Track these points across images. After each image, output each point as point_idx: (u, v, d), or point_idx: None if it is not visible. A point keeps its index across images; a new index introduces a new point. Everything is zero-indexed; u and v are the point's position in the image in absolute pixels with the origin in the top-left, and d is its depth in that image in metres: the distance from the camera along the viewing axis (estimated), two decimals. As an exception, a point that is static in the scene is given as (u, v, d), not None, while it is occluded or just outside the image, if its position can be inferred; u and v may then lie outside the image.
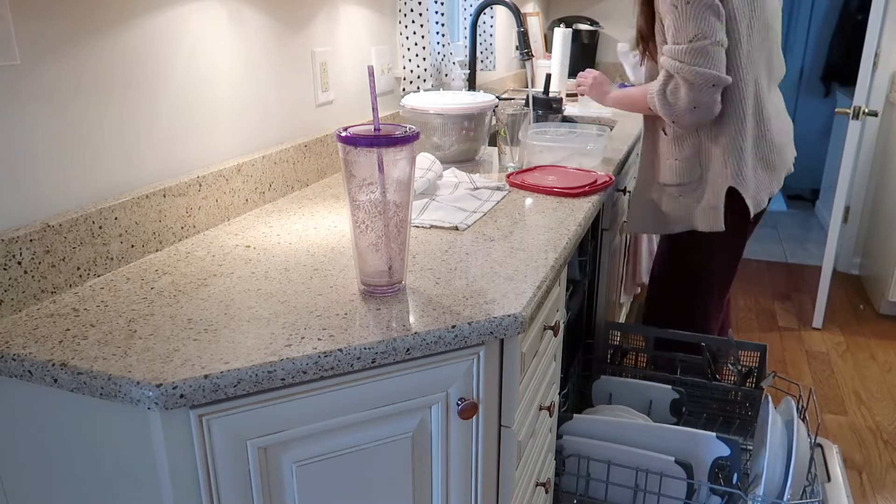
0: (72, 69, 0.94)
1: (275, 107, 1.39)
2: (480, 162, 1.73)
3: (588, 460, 1.44)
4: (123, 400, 0.72)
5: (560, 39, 2.66)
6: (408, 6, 1.82)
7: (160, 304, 0.89)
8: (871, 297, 3.15)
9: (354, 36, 1.66)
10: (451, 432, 0.91)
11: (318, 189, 1.45)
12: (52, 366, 0.74)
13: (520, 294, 0.93)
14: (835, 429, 2.22)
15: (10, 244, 0.85)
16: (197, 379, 0.72)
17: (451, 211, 1.28)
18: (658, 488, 1.40)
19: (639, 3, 1.62)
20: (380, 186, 0.86)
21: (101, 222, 0.98)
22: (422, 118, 1.64)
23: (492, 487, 1.01)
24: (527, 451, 1.10)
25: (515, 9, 2.10)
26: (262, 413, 0.77)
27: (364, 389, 0.82)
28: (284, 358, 0.76)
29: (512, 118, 1.59)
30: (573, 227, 1.21)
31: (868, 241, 3.30)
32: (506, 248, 1.11)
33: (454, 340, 0.84)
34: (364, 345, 0.79)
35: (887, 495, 1.91)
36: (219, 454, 0.76)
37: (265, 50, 1.33)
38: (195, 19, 1.15)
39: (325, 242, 1.13)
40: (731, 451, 1.41)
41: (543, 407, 1.18)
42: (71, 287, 0.94)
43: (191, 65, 1.15)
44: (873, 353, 2.69)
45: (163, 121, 1.11)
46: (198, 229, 1.17)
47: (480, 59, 2.43)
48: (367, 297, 0.92)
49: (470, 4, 2.43)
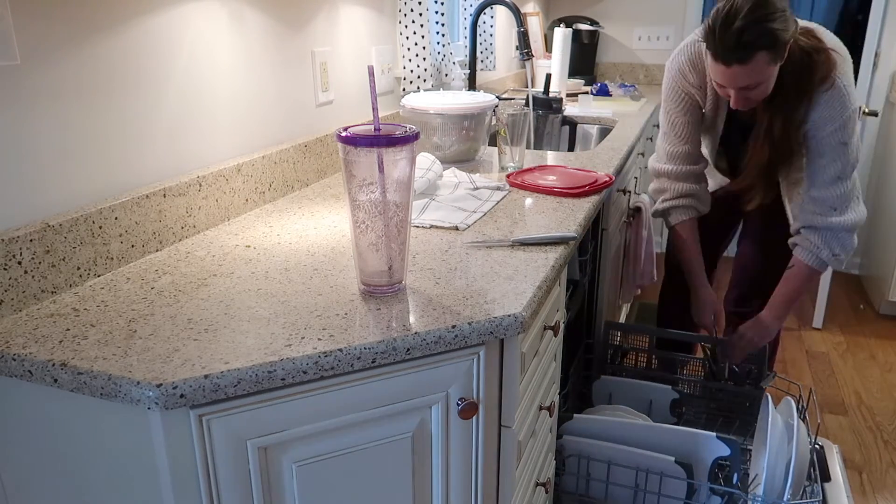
0: (72, 69, 0.94)
1: (275, 107, 1.39)
2: (480, 162, 1.72)
3: (588, 460, 1.44)
4: (123, 400, 0.72)
5: (560, 39, 2.66)
6: (408, 6, 1.82)
7: (160, 304, 0.89)
8: (871, 297, 3.14)
9: (354, 36, 1.66)
10: (451, 432, 0.91)
11: (318, 189, 1.45)
12: (53, 366, 0.74)
13: (520, 294, 0.93)
14: (835, 429, 2.22)
15: (10, 244, 0.85)
16: (197, 379, 0.72)
17: (451, 211, 1.28)
18: (658, 488, 1.40)
19: (765, 137, 1.52)
20: (380, 186, 0.86)
21: (101, 222, 0.98)
22: (422, 118, 1.64)
23: (492, 487, 1.01)
24: (527, 451, 1.10)
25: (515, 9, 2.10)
26: (262, 413, 0.77)
27: (364, 389, 0.82)
28: (284, 358, 0.76)
29: (512, 118, 1.59)
30: (573, 227, 1.21)
31: (868, 241, 3.30)
32: (506, 247, 1.11)
33: (454, 340, 0.84)
34: (364, 345, 0.79)
35: (887, 495, 1.91)
36: (219, 454, 0.76)
37: (265, 50, 1.33)
38: (195, 19, 1.15)
39: (325, 242, 1.13)
40: (731, 451, 1.41)
41: (543, 407, 1.18)
42: (71, 287, 0.94)
43: (191, 65, 1.15)
44: (873, 353, 2.69)
45: (163, 121, 1.11)
46: (198, 229, 1.17)
47: (480, 59, 2.43)
48: (367, 296, 0.92)
49: (470, 4, 2.42)
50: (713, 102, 1.64)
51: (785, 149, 1.52)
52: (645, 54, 3.49)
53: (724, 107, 1.64)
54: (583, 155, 1.83)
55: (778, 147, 1.52)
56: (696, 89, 1.63)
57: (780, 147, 1.52)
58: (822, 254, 1.57)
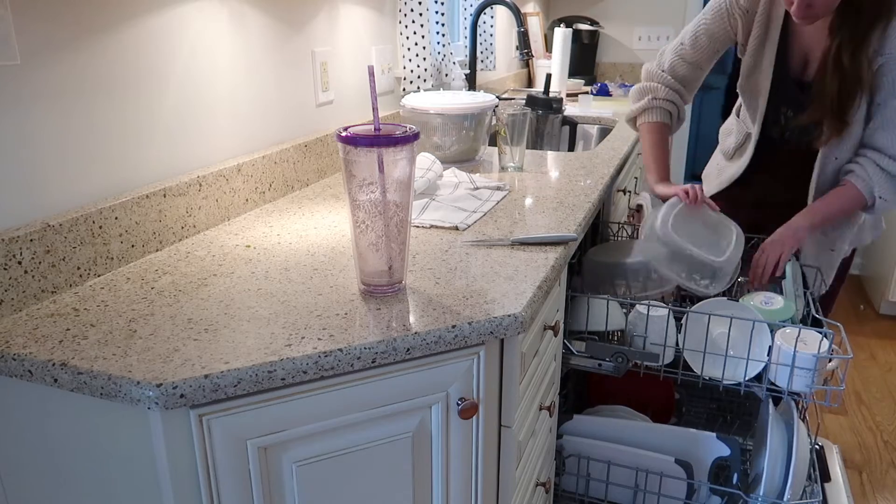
0: (72, 69, 0.94)
1: (275, 106, 1.39)
2: (480, 162, 1.72)
3: (588, 460, 1.44)
4: (124, 400, 0.72)
5: (560, 39, 2.66)
6: (408, 6, 1.82)
7: (160, 303, 0.89)
8: (871, 297, 3.14)
9: (355, 36, 1.66)
10: (451, 432, 0.91)
11: (318, 189, 1.45)
12: (53, 366, 0.74)
13: (520, 294, 0.93)
14: (835, 429, 2.22)
15: (10, 244, 0.85)
16: (197, 379, 0.72)
17: (451, 211, 1.28)
18: (658, 488, 1.40)
19: (834, 65, 1.36)
20: (380, 186, 0.86)
21: (102, 222, 0.98)
22: (422, 118, 1.64)
23: (492, 487, 1.01)
24: (527, 450, 1.10)
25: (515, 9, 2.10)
26: (262, 413, 0.77)
27: (364, 389, 0.82)
28: (284, 358, 0.76)
29: (512, 118, 1.59)
30: (573, 227, 1.21)
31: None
32: (506, 247, 1.10)
33: (454, 340, 0.84)
34: (364, 344, 0.79)
35: (887, 495, 1.91)
36: (219, 454, 0.76)
37: (265, 50, 1.33)
38: (195, 19, 1.15)
39: (325, 242, 1.13)
40: (731, 451, 1.41)
41: (543, 407, 1.18)
42: (71, 287, 0.94)
43: (191, 64, 1.15)
44: (873, 353, 2.69)
45: (163, 121, 1.11)
46: (198, 229, 1.17)
47: (480, 59, 2.43)
48: (367, 296, 0.92)
49: (470, 4, 2.43)
50: (758, 41, 1.49)
51: (854, 77, 1.35)
52: (645, 54, 3.49)
53: (772, 49, 1.49)
54: (583, 155, 1.83)
55: (847, 75, 1.35)
56: (741, 12, 1.49)
57: (849, 75, 1.35)
58: (875, 188, 1.40)
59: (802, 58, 1.48)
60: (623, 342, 1.40)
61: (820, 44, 1.41)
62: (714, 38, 1.55)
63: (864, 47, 1.33)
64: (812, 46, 1.45)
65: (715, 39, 1.55)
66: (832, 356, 1.23)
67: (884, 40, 1.33)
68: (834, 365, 1.30)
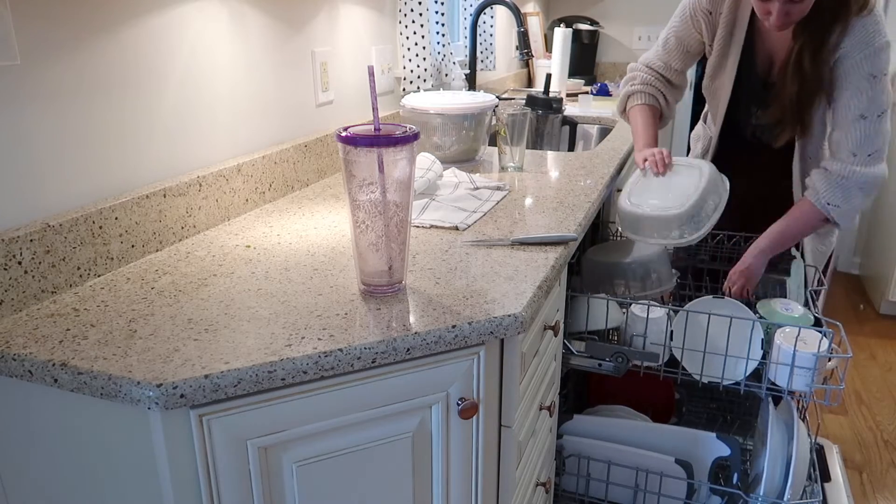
0: (72, 69, 0.94)
1: (275, 107, 1.39)
2: (480, 162, 1.72)
3: (588, 460, 1.44)
4: (124, 400, 0.72)
5: (560, 39, 2.66)
6: (408, 6, 1.82)
7: (160, 304, 0.89)
8: (871, 297, 3.15)
9: (355, 36, 1.66)
10: (451, 432, 0.91)
11: (318, 189, 1.45)
12: (53, 366, 0.74)
13: (520, 294, 0.93)
14: (835, 429, 2.22)
15: (10, 244, 0.85)
16: (197, 379, 0.72)
17: (451, 211, 1.28)
18: (658, 488, 1.40)
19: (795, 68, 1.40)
20: (380, 186, 0.86)
21: (102, 222, 0.98)
22: (422, 118, 1.64)
23: (492, 487, 1.01)
24: (527, 450, 1.10)
25: (515, 9, 2.10)
26: (262, 413, 0.77)
27: (364, 389, 0.82)
28: (285, 358, 0.76)
29: (512, 118, 1.59)
30: (573, 227, 1.21)
31: (868, 241, 3.30)
32: (506, 247, 1.10)
33: (454, 340, 0.84)
34: (364, 345, 0.79)
35: (887, 495, 1.91)
36: (219, 454, 0.76)
37: (265, 50, 1.33)
38: (195, 19, 1.15)
39: (325, 242, 1.13)
40: (731, 451, 1.41)
41: (543, 407, 1.18)
42: (71, 287, 0.94)
43: (191, 64, 1.15)
44: (873, 352, 2.69)
45: (163, 121, 1.11)
46: (198, 229, 1.17)
47: (480, 59, 2.43)
48: (367, 296, 0.92)
49: (470, 4, 2.43)
50: (723, 41, 1.52)
51: (815, 80, 1.39)
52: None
53: (736, 50, 1.53)
54: (583, 155, 1.83)
55: (807, 78, 1.39)
56: (703, 14, 1.52)
57: (809, 78, 1.39)
58: (822, 198, 1.41)
59: (768, 59, 1.51)
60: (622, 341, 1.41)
61: (784, 45, 1.45)
62: (682, 40, 1.60)
63: (825, 47, 1.36)
64: (776, 48, 1.48)
65: (682, 41, 1.60)
66: (832, 355, 1.23)
67: (842, 37, 1.35)
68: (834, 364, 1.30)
